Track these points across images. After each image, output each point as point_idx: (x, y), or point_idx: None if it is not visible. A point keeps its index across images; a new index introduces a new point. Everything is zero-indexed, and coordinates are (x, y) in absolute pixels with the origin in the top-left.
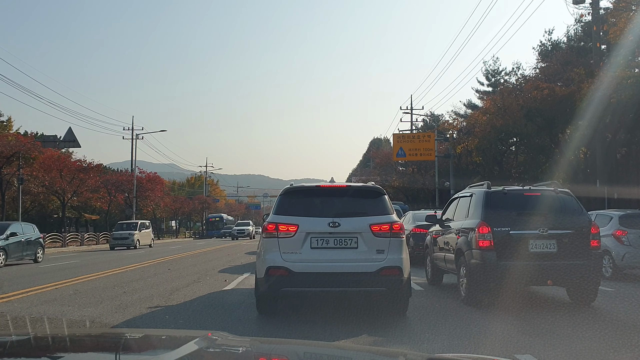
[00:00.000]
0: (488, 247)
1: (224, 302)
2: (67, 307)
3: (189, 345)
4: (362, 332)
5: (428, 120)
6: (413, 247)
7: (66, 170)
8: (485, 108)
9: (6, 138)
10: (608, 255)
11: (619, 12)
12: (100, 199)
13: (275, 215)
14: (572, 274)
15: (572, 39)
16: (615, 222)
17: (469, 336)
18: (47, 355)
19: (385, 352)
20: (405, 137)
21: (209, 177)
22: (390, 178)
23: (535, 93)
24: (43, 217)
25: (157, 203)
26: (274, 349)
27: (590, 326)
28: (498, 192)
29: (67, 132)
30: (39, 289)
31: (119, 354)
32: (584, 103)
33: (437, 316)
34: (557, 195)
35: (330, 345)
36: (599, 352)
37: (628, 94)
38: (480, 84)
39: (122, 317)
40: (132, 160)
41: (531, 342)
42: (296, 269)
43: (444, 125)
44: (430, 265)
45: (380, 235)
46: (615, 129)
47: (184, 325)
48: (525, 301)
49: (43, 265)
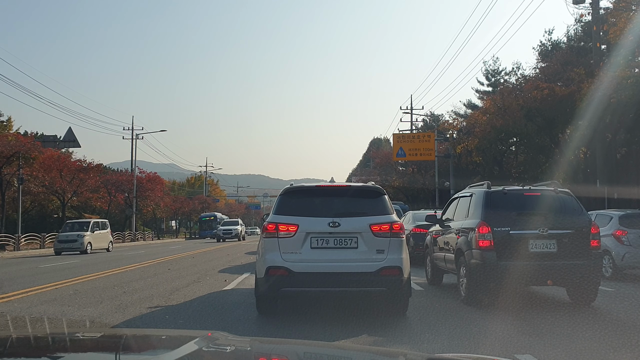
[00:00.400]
0: (488, 247)
1: (224, 302)
2: (67, 307)
3: (189, 345)
4: (362, 332)
5: (428, 120)
6: (413, 247)
7: (66, 170)
8: (485, 108)
9: (6, 138)
10: (608, 255)
11: (619, 12)
12: (100, 199)
13: (275, 215)
14: (572, 274)
15: (572, 39)
16: (615, 222)
17: (469, 336)
18: (47, 355)
19: (385, 352)
20: (405, 137)
21: (209, 177)
22: (390, 178)
23: (535, 93)
24: (43, 217)
25: (157, 203)
26: (274, 349)
27: (590, 326)
28: (498, 192)
29: (67, 132)
30: (39, 289)
31: (119, 354)
32: (584, 103)
33: (437, 316)
34: (557, 195)
35: (330, 345)
36: (599, 352)
37: (628, 94)
38: (480, 84)
39: (122, 317)
40: (132, 160)
41: (531, 342)
42: (296, 269)
43: (444, 125)
44: (430, 265)
45: (380, 235)
46: (615, 129)
47: (184, 325)
48: (525, 301)
49: (43, 265)
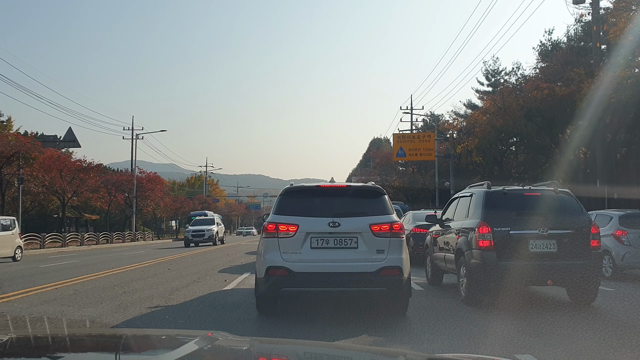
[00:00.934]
0: (488, 247)
1: (224, 302)
2: (67, 307)
3: (189, 345)
4: (362, 332)
5: (428, 120)
6: (413, 247)
7: (66, 170)
8: (485, 108)
9: (6, 138)
10: (608, 255)
11: (619, 12)
12: (100, 199)
13: (275, 215)
14: (572, 274)
15: (572, 39)
16: (615, 222)
17: (469, 336)
18: (47, 355)
19: (385, 352)
20: (405, 137)
21: (209, 177)
22: (390, 178)
23: (535, 93)
24: (43, 217)
25: (157, 203)
26: (274, 349)
27: (590, 326)
28: (498, 192)
29: (67, 132)
30: (39, 289)
31: (119, 354)
32: (584, 103)
33: (437, 316)
34: (557, 195)
35: (330, 345)
36: (599, 352)
37: (628, 94)
38: (480, 84)
39: (122, 317)
40: (132, 160)
41: (531, 342)
42: (296, 269)
43: (444, 125)
44: (430, 265)
45: (380, 235)
46: (615, 129)
47: (184, 325)
48: (525, 301)
49: (43, 265)
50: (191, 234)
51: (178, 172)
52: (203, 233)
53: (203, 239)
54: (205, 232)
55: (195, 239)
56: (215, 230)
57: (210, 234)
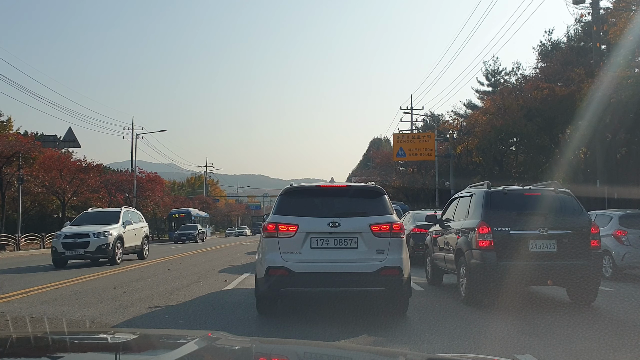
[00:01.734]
0: (488, 247)
1: (224, 302)
2: (67, 307)
3: (189, 345)
4: (362, 332)
5: (428, 120)
6: (413, 247)
7: (66, 170)
8: (485, 108)
9: (6, 138)
10: (608, 255)
11: (619, 12)
12: (100, 199)
13: (275, 215)
14: (572, 274)
15: (572, 39)
16: (615, 222)
17: (469, 336)
18: (47, 355)
19: (385, 352)
20: (405, 137)
21: (209, 177)
22: (390, 178)
23: (535, 93)
24: (43, 217)
25: (157, 203)
26: (274, 349)
27: (590, 326)
28: (498, 192)
29: (67, 132)
30: (39, 289)
31: (119, 354)
32: (584, 103)
33: (437, 316)
34: (557, 195)
35: (330, 345)
36: (599, 352)
37: (628, 94)
38: (480, 84)
39: (122, 317)
40: (132, 160)
41: (531, 342)
42: (296, 269)
43: (444, 125)
44: (430, 265)
45: (380, 235)
46: (615, 129)
47: (184, 325)
48: (525, 301)
49: (43, 265)
50: (62, 240)
51: (178, 172)
52: (87, 242)
53: (85, 252)
54: (90, 238)
55: (69, 253)
56: (114, 236)
57: (101, 242)
